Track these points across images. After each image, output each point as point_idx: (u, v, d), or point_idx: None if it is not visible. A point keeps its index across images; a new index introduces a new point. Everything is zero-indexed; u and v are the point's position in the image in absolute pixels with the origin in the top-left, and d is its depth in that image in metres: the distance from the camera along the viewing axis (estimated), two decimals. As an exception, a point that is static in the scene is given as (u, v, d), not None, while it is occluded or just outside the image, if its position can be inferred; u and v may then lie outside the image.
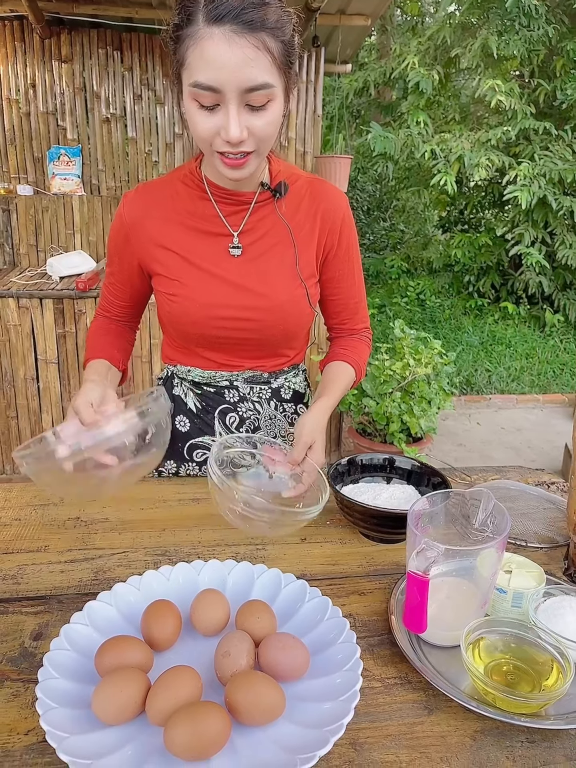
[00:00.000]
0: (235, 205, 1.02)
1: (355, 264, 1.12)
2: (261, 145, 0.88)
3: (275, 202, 1.03)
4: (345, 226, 1.07)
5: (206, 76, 0.79)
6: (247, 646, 0.65)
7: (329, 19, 3.23)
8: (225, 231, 1.02)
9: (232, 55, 0.77)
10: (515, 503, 1.08)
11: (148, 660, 0.65)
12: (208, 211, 1.02)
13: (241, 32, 0.77)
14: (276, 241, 1.03)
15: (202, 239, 1.02)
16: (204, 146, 0.88)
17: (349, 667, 0.64)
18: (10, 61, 3.28)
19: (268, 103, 0.83)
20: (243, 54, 0.77)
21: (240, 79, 0.79)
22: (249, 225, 1.03)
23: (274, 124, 0.87)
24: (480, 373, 5.03)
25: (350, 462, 1.01)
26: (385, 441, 2.98)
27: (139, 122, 3.51)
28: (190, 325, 1.04)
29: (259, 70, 0.79)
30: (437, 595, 0.72)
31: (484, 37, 5.01)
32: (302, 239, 1.04)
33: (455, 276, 6.79)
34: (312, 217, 1.05)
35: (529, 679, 0.65)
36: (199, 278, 1.02)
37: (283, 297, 1.03)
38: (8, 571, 0.85)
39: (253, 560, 0.89)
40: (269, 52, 0.79)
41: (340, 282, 1.12)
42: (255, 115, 0.83)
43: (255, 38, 0.78)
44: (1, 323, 2.89)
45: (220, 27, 0.77)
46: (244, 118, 0.83)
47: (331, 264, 1.09)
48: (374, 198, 9.97)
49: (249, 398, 1.14)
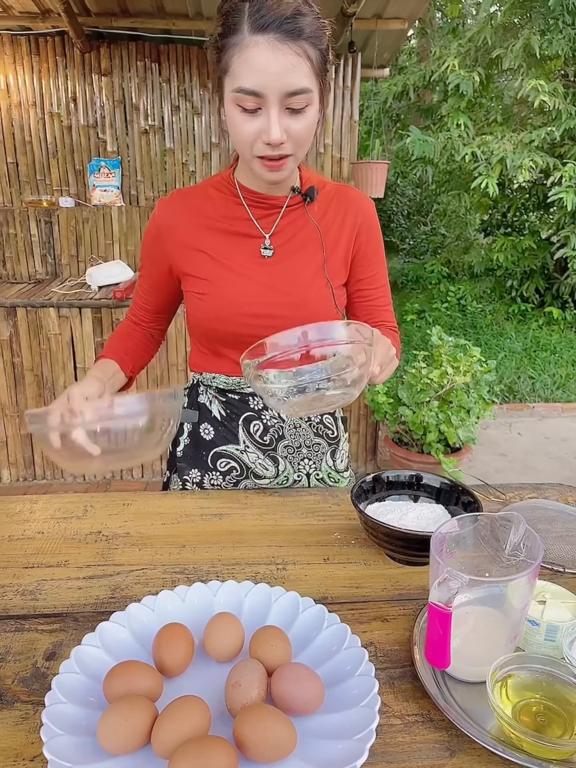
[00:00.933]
0: (267, 209, 1.06)
1: (382, 267, 1.15)
2: (298, 149, 0.93)
3: (306, 205, 1.07)
4: (372, 228, 1.11)
5: (251, 81, 0.84)
6: (258, 677, 0.62)
7: (366, 24, 3.20)
8: (257, 233, 1.06)
9: (276, 61, 0.83)
10: (553, 525, 1.02)
11: (158, 687, 0.63)
12: (241, 214, 1.06)
13: (284, 40, 0.83)
14: (305, 243, 1.07)
15: (234, 241, 1.05)
16: (244, 150, 0.93)
17: (366, 703, 0.60)
18: (52, 76, 3.37)
19: (307, 107, 0.89)
20: (286, 60, 0.83)
21: (283, 83, 0.84)
22: (280, 228, 1.06)
23: (311, 128, 0.92)
24: (523, 381, 4.89)
25: (375, 479, 0.98)
26: (422, 451, 2.92)
27: (177, 133, 3.55)
28: (217, 322, 1.05)
29: (300, 75, 0.85)
30: (463, 626, 0.68)
31: (526, 36, 4.88)
32: (330, 241, 1.08)
33: (497, 280, 6.63)
34: (340, 220, 1.09)
35: (560, 722, 0.61)
36: (227, 278, 1.04)
37: (310, 294, 1.05)
38: (27, 586, 0.85)
39: (273, 580, 0.86)
40: (309, 59, 0.86)
41: (368, 284, 1.14)
42: (294, 119, 0.88)
43: (297, 46, 0.84)
44: (42, 332, 2.95)
45: (265, 35, 0.83)
46: (284, 122, 0.88)
47: (359, 265, 1.12)
48: (414, 202, 9.85)
49: None
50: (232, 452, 1.15)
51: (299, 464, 1.17)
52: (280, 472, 1.16)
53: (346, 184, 1.18)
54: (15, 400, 3.05)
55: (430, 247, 8.77)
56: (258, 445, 1.14)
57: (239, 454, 1.15)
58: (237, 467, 1.15)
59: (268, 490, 1.13)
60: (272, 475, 1.15)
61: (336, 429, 1.21)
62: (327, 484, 1.21)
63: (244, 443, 1.14)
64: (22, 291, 3.10)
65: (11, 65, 3.33)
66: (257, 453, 1.14)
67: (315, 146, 3.63)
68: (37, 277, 3.42)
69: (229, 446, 1.15)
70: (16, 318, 2.92)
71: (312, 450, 1.17)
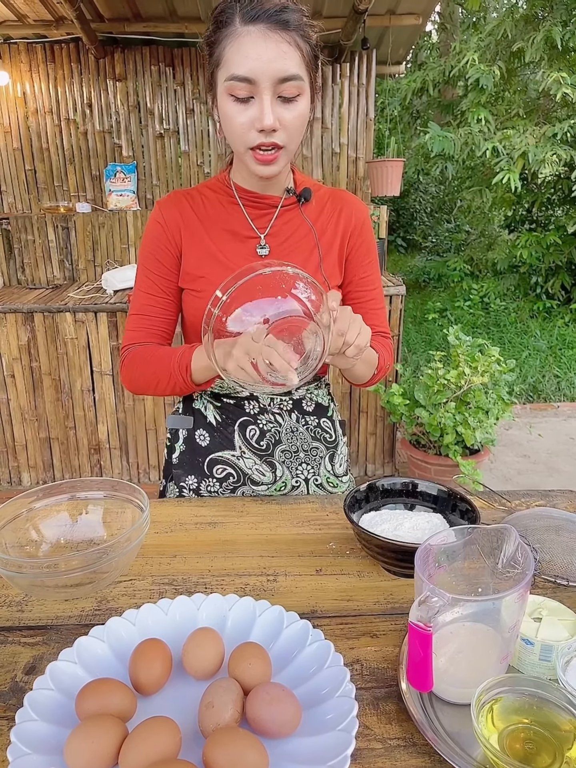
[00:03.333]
0: (261, 209, 1.06)
1: (374, 270, 1.14)
2: (290, 141, 0.93)
3: (300, 206, 1.07)
4: (365, 229, 1.11)
5: (244, 68, 0.86)
6: (233, 697, 0.60)
7: (379, 20, 3.16)
8: (252, 233, 1.06)
9: (267, 48, 0.85)
10: (559, 535, 0.98)
11: (130, 706, 0.62)
12: (236, 214, 1.06)
13: (275, 29, 0.86)
14: (301, 244, 1.07)
15: (229, 241, 1.05)
16: (238, 143, 0.93)
17: (343, 727, 0.58)
18: (68, 83, 3.40)
19: (298, 96, 0.90)
20: (277, 47, 0.86)
21: (274, 69, 0.86)
22: (275, 228, 1.06)
23: (302, 119, 0.93)
24: (548, 380, 4.78)
25: (370, 488, 0.95)
26: (439, 453, 2.86)
27: (192, 136, 3.56)
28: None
29: (291, 62, 0.87)
30: (450, 645, 0.65)
31: (548, 28, 4.77)
32: (325, 242, 1.08)
33: (521, 277, 6.50)
34: (335, 222, 1.09)
35: (550, 749, 0.57)
36: (225, 276, 0.98)
37: None
38: (15, 597, 0.84)
39: (263, 592, 0.84)
40: (299, 48, 0.88)
41: (360, 286, 1.13)
42: (286, 108, 0.89)
43: (287, 35, 0.86)
44: (60, 337, 2.98)
45: (256, 25, 0.85)
46: (276, 110, 0.89)
47: (352, 266, 1.11)
48: (437, 199, 9.74)
49: (269, 410, 1.11)
50: (228, 458, 1.13)
51: (297, 469, 1.14)
52: (277, 478, 1.13)
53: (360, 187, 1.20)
54: (33, 404, 3.09)
55: (453, 244, 8.65)
56: (254, 451, 1.12)
57: (235, 460, 1.13)
58: (234, 473, 1.13)
59: (265, 497, 1.11)
60: (269, 481, 1.13)
61: (334, 432, 1.18)
62: (326, 490, 1.19)
63: (240, 449, 1.12)
64: (40, 296, 3.14)
65: (27, 73, 3.38)
66: (254, 459, 1.12)
67: (330, 146, 3.60)
68: (55, 283, 3.46)
69: (225, 452, 1.13)
70: (34, 323, 2.95)
71: (310, 454, 1.15)
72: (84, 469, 3.21)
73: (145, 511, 0.87)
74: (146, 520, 0.86)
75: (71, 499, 0.94)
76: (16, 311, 2.93)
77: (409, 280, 7.63)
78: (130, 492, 0.92)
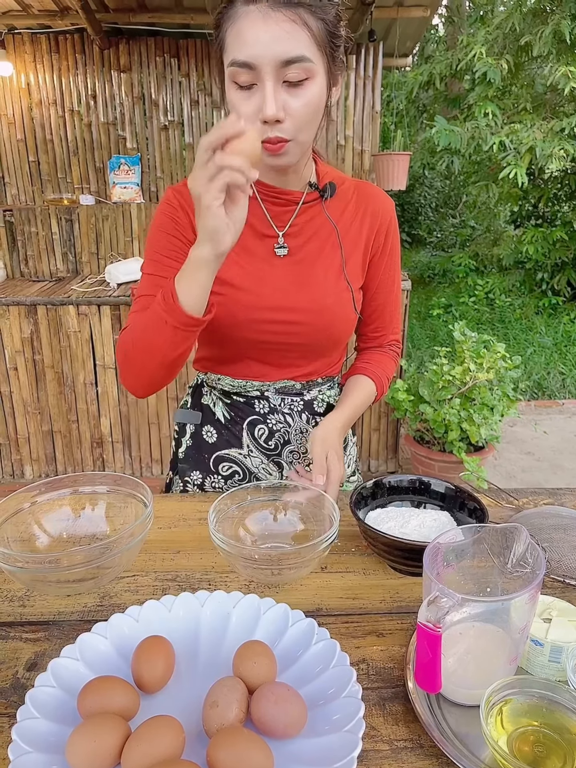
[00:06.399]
0: (281, 205, 0.99)
1: (396, 272, 1.10)
2: (298, 132, 0.85)
3: (323, 202, 1.01)
4: (391, 229, 1.06)
5: (243, 53, 0.79)
6: (238, 696, 0.59)
7: (386, 12, 3.13)
8: (271, 231, 1.00)
9: (267, 28, 0.77)
10: (568, 534, 0.96)
11: (133, 704, 0.61)
12: (254, 210, 0.97)
13: (277, 7, 0.77)
14: (323, 243, 1.01)
15: (247, 238, 0.97)
16: None
17: (350, 728, 0.57)
18: (72, 74, 3.38)
19: (306, 80, 0.81)
20: (278, 27, 0.77)
21: (275, 51, 0.78)
22: (295, 226, 1.00)
23: (313, 107, 0.84)
24: (553, 377, 4.75)
25: (376, 485, 0.94)
26: (443, 450, 2.85)
27: (196, 128, 3.53)
28: (231, 328, 0.99)
29: (295, 42, 0.78)
30: (458, 645, 0.64)
31: (556, 22, 4.72)
32: (349, 241, 1.02)
33: (527, 273, 6.46)
34: (359, 220, 1.03)
35: (560, 753, 0.56)
36: (245, 279, 0.98)
37: (330, 300, 1.00)
38: (16, 592, 0.84)
39: (267, 590, 0.83)
40: (307, 26, 0.79)
41: (380, 288, 1.09)
42: (292, 94, 0.81)
43: (291, 12, 0.77)
44: (62, 330, 2.97)
45: (257, 4, 0.77)
46: (281, 97, 0.81)
47: (374, 267, 1.07)
48: (443, 194, 9.68)
49: (279, 410, 1.09)
50: (235, 456, 1.12)
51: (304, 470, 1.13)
52: (284, 478, 1.12)
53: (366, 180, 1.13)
54: (36, 397, 3.08)
55: (459, 239, 8.60)
56: (262, 450, 1.11)
57: (242, 459, 1.11)
58: (239, 471, 1.12)
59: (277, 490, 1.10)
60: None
61: None
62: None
63: (247, 447, 1.11)
64: (44, 289, 3.13)
65: (31, 63, 3.36)
66: (261, 458, 1.11)
67: (336, 138, 3.57)
68: (59, 275, 3.45)
69: (232, 450, 1.12)
70: (37, 316, 2.94)
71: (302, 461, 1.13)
72: (86, 463, 3.20)
73: (149, 506, 0.86)
74: (150, 516, 0.85)
75: (74, 493, 0.93)
76: (19, 304, 2.92)
77: (413, 276, 7.59)
78: (133, 487, 0.91)
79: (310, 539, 0.81)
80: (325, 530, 0.81)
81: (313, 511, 0.91)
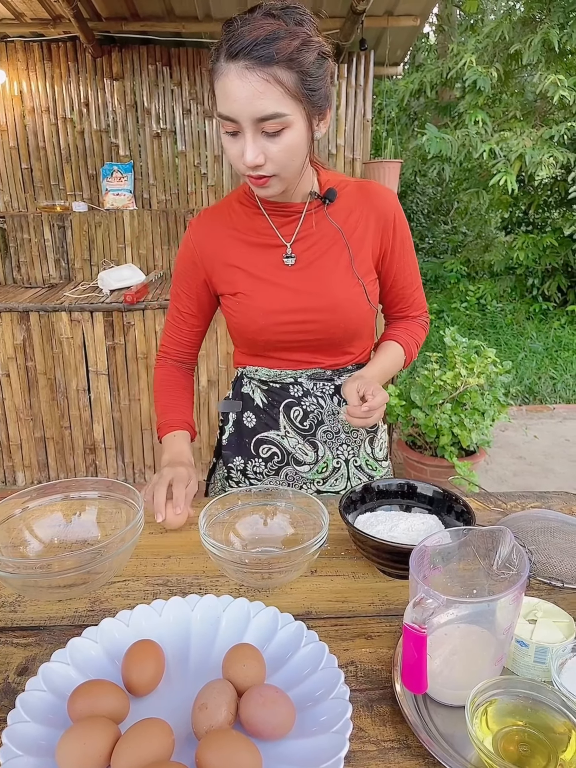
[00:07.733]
0: (286, 216, 1.08)
1: (410, 256, 1.16)
2: (281, 170, 0.94)
3: (325, 208, 1.08)
4: (398, 221, 1.12)
5: (225, 108, 0.88)
6: (227, 699, 0.60)
7: (377, 21, 3.16)
8: (279, 242, 1.08)
9: (243, 88, 0.85)
10: (554, 537, 0.98)
11: (123, 708, 0.61)
12: (263, 225, 1.09)
13: (252, 67, 0.84)
14: (329, 245, 1.08)
15: (259, 252, 1.09)
16: (235, 168, 0.97)
17: (337, 729, 0.57)
18: (64, 81, 3.39)
19: (283, 130, 0.89)
20: (252, 87, 0.85)
21: (251, 110, 0.86)
22: (301, 234, 1.08)
23: (291, 150, 0.92)
24: (544, 381, 4.79)
25: (365, 489, 0.95)
26: (435, 455, 2.87)
27: (189, 136, 3.55)
28: (256, 333, 1.10)
29: (269, 101, 0.86)
30: (444, 646, 0.65)
31: (545, 31, 4.78)
32: (356, 239, 1.09)
33: (518, 279, 6.52)
34: (365, 218, 1.09)
35: (545, 752, 0.57)
36: (260, 288, 1.08)
37: (341, 296, 1.07)
38: (8, 597, 0.84)
39: (257, 593, 0.83)
40: (280, 83, 0.86)
41: (398, 275, 1.16)
42: (271, 141, 0.90)
43: (264, 72, 0.84)
44: (55, 336, 2.97)
45: (236, 63, 0.85)
46: (261, 144, 0.90)
47: (389, 260, 1.14)
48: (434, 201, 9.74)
49: (312, 393, 1.16)
50: (274, 438, 1.19)
51: (338, 450, 1.19)
52: (319, 458, 1.18)
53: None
54: (29, 404, 3.08)
55: (450, 246, 8.65)
56: (298, 431, 1.18)
57: (280, 440, 1.18)
58: (278, 453, 1.19)
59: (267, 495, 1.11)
60: (312, 460, 1.18)
61: None
62: (365, 472, 1.23)
63: (284, 428, 1.18)
64: (36, 295, 3.13)
65: (24, 71, 3.36)
66: (297, 438, 1.18)
67: (327, 147, 3.60)
68: (51, 282, 3.45)
69: (270, 432, 1.19)
70: (29, 322, 2.94)
71: (350, 436, 1.20)
72: (79, 469, 3.20)
73: (140, 511, 0.86)
74: (140, 521, 0.85)
75: (65, 499, 0.94)
76: (11, 310, 2.92)
77: (405, 282, 7.60)
78: (124, 492, 0.92)
79: (299, 543, 0.82)
80: (315, 534, 0.82)
81: (303, 515, 0.92)
